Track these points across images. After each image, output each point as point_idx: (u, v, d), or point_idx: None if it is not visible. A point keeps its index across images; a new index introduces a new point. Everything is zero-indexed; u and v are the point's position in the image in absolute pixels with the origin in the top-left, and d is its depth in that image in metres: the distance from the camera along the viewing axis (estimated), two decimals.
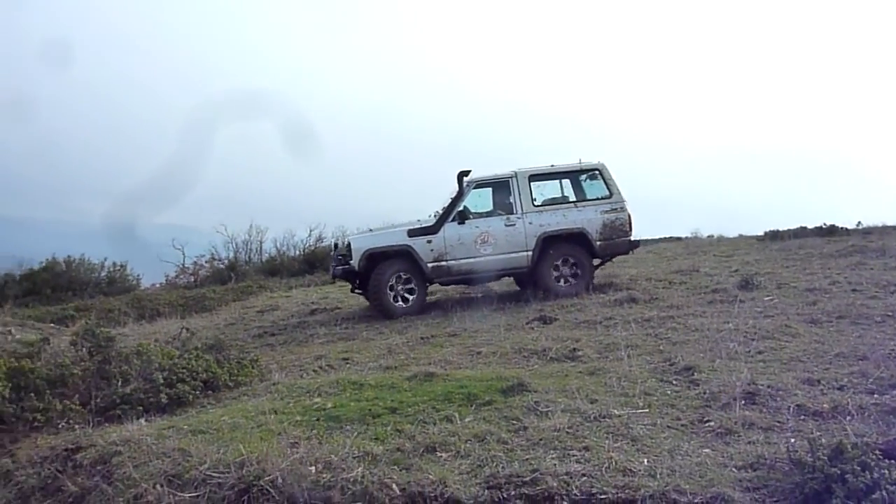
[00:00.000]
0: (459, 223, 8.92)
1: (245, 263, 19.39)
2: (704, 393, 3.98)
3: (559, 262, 9.07)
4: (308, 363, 5.95)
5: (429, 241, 8.87)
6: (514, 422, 3.66)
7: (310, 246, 19.82)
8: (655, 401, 3.94)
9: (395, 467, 3.10)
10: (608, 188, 9.35)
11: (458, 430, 3.50)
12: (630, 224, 9.55)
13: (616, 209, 9.28)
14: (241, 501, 2.92)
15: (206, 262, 19.14)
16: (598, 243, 9.16)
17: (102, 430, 3.99)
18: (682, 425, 3.54)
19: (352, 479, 2.94)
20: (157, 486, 3.08)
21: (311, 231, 19.80)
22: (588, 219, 9.14)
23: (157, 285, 17.81)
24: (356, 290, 9.54)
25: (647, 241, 21.85)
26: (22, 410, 4.23)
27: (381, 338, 7.06)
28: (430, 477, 2.94)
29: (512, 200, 9.19)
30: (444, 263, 8.88)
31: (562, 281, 9.02)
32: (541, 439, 3.36)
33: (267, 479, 2.95)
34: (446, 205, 9.36)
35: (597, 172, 9.46)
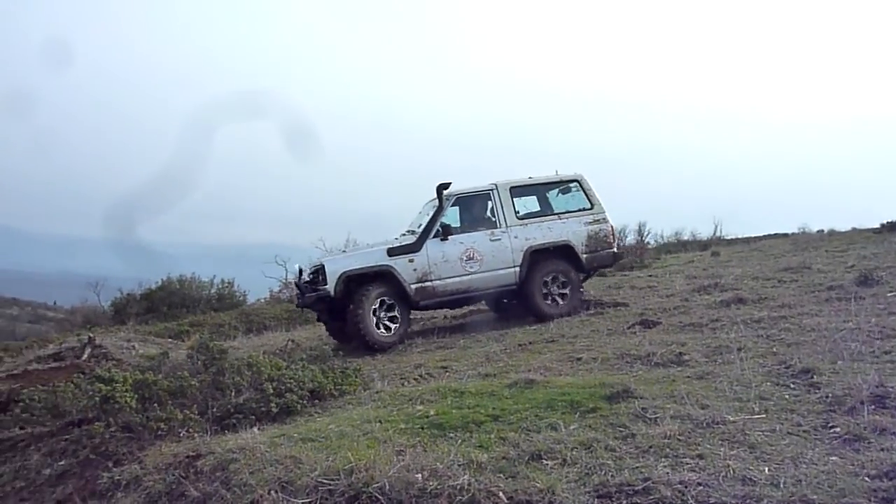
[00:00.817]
0: (442, 239, 8.27)
1: None
2: (827, 397, 3.72)
3: (548, 279, 8.51)
4: (408, 371, 6.04)
5: (411, 261, 8.14)
6: (621, 429, 3.55)
7: None
8: (773, 406, 3.72)
9: (501, 475, 3.07)
10: (588, 199, 8.99)
11: (564, 438, 3.43)
12: (613, 235, 9.18)
13: (599, 220, 8.92)
14: None
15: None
16: (585, 256, 8.75)
17: (220, 439, 4.19)
18: (804, 431, 3.32)
19: (458, 487, 2.93)
20: (272, 493, 3.19)
21: None
22: (573, 231, 8.75)
23: (263, 300, 18.64)
24: (325, 321, 8.77)
25: (750, 239, 20.84)
26: (147, 420, 4.52)
27: (478, 346, 7.07)
28: (538, 485, 2.89)
29: (495, 214, 8.65)
30: (428, 284, 8.15)
31: (549, 299, 8.49)
32: (650, 447, 3.24)
33: (375, 486, 2.99)
34: (424, 221, 8.66)
35: (576, 183, 9.08)
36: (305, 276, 8.60)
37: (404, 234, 8.80)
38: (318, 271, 8.10)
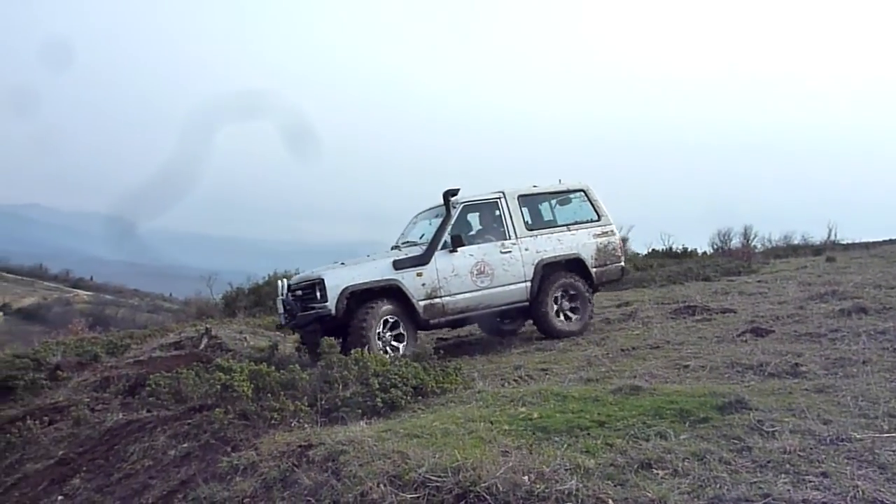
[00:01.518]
0: (451, 251, 7.64)
1: None
2: None
3: (558, 295, 8.08)
4: (508, 373, 6.05)
5: (419, 275, 7.47)
6: (736, 441, 3.41)
7: None
8: None
9: (610, 482, 3.03)
10: (595, 210, 8.60)
11: (674, 448, 3.33)
12: (622, 248, 8.73)
13: (607, 233, 8.57)
14: None
15: None
16: (595, 270, 8.35)
17: (329, 430, 4.35)
18: None
19: (566, 492, 2.91)
20: (381, 486, 3.28)
21: None
22: (583, 244, 8.35)
23: None
24: (309, 343, 7.57)
25: (869, 244, 19.41)
26: (261, 409, 4.76)
27: (577, 349, 6.99)
28: (648, 494, 2.83)
29: (503, 224, 8.09)
30: (437, 301, 7.50)
31: (562, 316, 8.06)
32: (768, 461, 3.10)
33: (483, 486, 3.02)
34: (427, 231, 8.06)
35: (581, 193, 8.67)
36: (291, 293, 7.68)
37: (396, 248, 8.22)
38: (315, 286, 7.25)
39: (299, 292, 7.55)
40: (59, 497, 4.96)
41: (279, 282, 8.00)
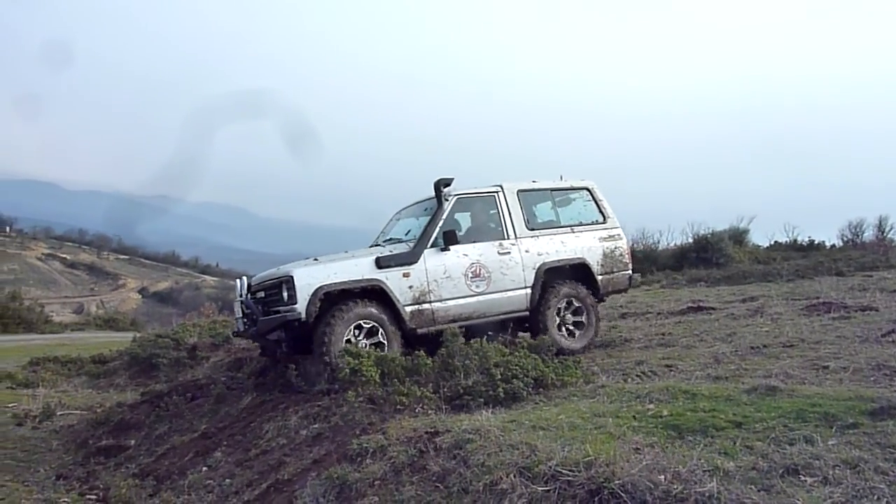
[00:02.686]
0: (443, 249, 6.65)
1: None
2: None
3: (561, 305, 7.19)
4: (629, 367, 5.91)
5: (406, 275, 6.45)
6: (892, 450, 3.17)
7: None
8: None
9: (752, 487, 2.90)
10: (601, 211, 7.79)
11: (822, 454, 3.14)
12: (630, 254, 7.93)
13: (614, 236, 7.73)
14: (592, 502, 3.00)
15: None
16: (601, 278, 7.49)
17: (454, 418, 4.44)
18: None
19: (706, 494, 2.82)
20: (511, 477, 3.31)
21: None
22: (588, 247, 7.48)
23: None
24: (269, 355, 6.98)
25: None
26: (388, 394, 4.93)
27: (703, 345, 6.72)
28: (798, 503, 2.70)
29: (502, 221, 7.18)
30: (426, 307, 6.49)
31: (564, 330, 7.12)
32: None
33: (617, 482, 2.97)
34: (413, 228, 7.12)
35: (586, 192, 7.85)
36: (251, 294, 6.63)
37: (376, 246, 7.29)
38: (281, 285, 6.18)
39: (262, 293, 6.51)
40: (204, 468, 5.36)
41: (237, 281, 6.93)
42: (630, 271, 7.77)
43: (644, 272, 16.83)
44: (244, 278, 6.86)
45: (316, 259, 6.60)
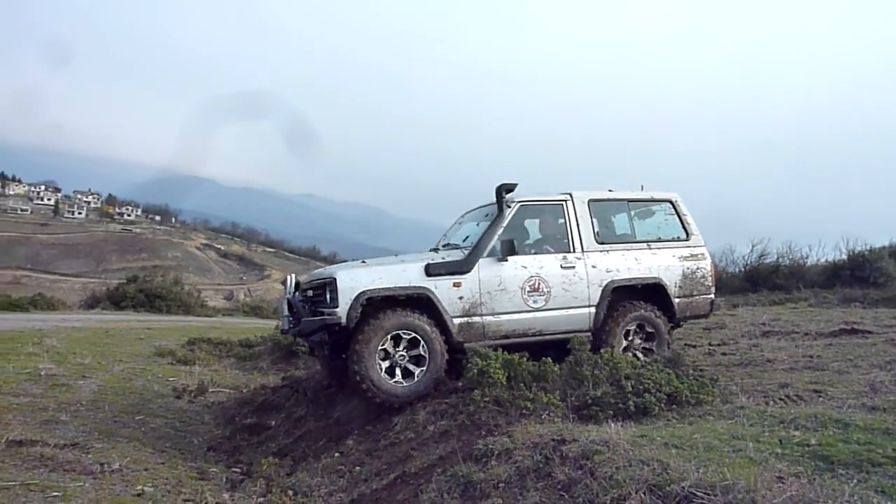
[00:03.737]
0: (500, 259, 6.23)
1: None
2: None
3: (630, 328, 6.58)
4: (772, 390, 5.53)
5: (457, 284, 6.08)
6: None
7: (752, 262, 18.63)
8: None
9: None
10: (684, 227, 7.05)
11: None
12: (713, 276, 7.09)
13: (697, 255, 6.96)
14: None
15: None
16: (678, 301, 6.78)
17: (581, 427, 4.37)
18: None
19: None
20: (640, 493, 3.21)
21: (753, 246, 18.58)
22: (665, 266, 6.80)
23: None
24: (323, 358, 6.73)
25: None
26: (514, 398, 4.94)
27: (857, 371, 6.14)
28: None
29: (568, 233, 6.63)
30: (477, 320, 6.12)
31: (630, 355, 6.32)
32: None
33: None
34: (472, 233, 6.63)
35: (668, 205, 7.12)
36: (301, 293, 6.53)
37: (435, 251, 6.89)
38: (326, 286, 5.98)
39: (310, 292, 6.34)
40: (336, 454, 5.64)
41: (287, 277, 6.84)
42: (713, 295, 7.12)
43: (790, 289, 15.67)
44: (293, 276, 6.79)
45: (364, 262, 6.43)
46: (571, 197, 6.76)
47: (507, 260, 6.25)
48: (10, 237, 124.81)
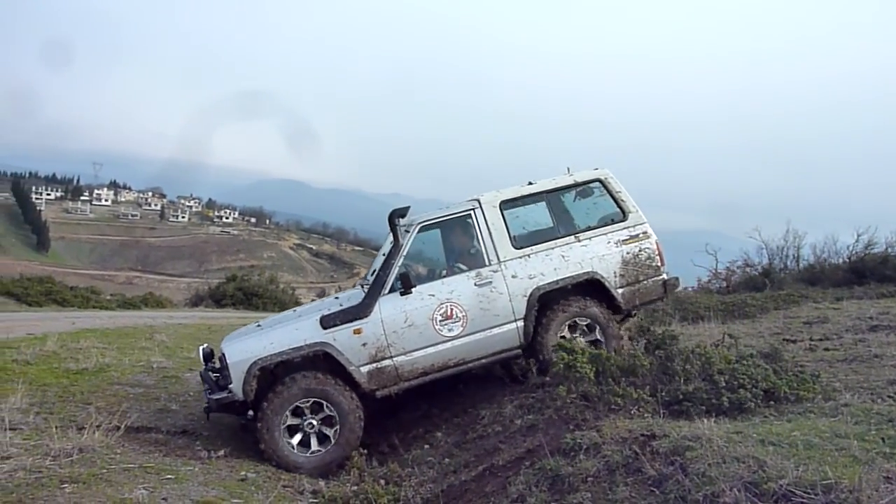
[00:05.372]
0: (402, 293, 5.82)
1: (780, 270, 18.30)
2: None
3: (565, 333, 6.02)
4: (880, 387, 5.21)
5: (357, 332, 5.72)
6: None
7: (857, 253, 17.49)
8: None
9: None
10: (619, 206, 6.35)
11: None
12: (661, 255, 6.32)
13: (637, 235, 6.26)
14: None
15: (738, 267, 18.86)
16: (621, 291, 6.16)
17: (672, 423, 4.28)
18: None
19: None
20: (735, 490, 3.12)
21: (858, 236, 17.43)
22: (600, 256, 6.17)
23: (690, 289, 18.31)
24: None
25: None
26: (603, 392, 4.89)
27: None
28: None
29: (480, 245, 6.09)
30: (387, 363, 5.75)
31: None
32: None
33: None
34: (376, 266, 6.27)
35: (597, 184, 6.43)
36: (208, 365, 6.20)
37: (365, 284, 6.51)
38: (223, 359, 5.77)
39: (217, 363, 6.07)
40: (426, 445, 5.77)
41: (198, 350, 6.47)
42: (664, 275, 6.42)
43: None
44: (201, 347, 6.41)
45: (259, 325, 6.24)
46: (479, 203, 6.23)
47: (409, 292, 5.86)
48: (123, 241, 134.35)
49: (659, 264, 6.39)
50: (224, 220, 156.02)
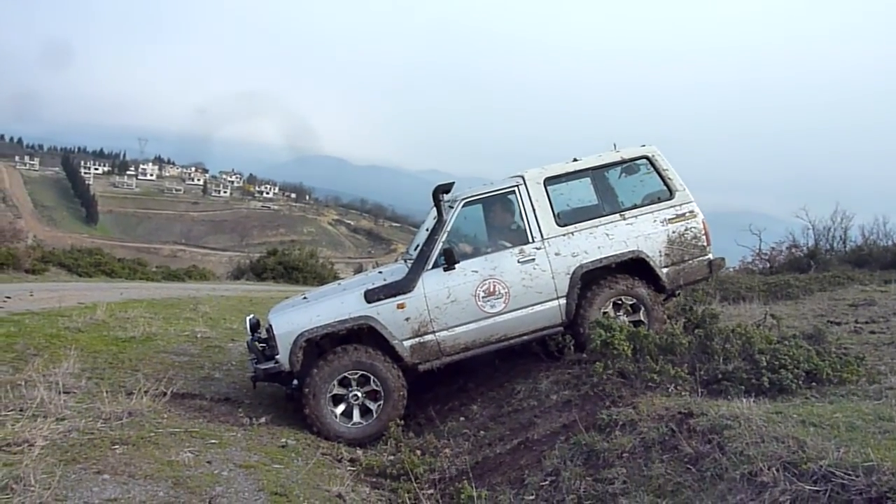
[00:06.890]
0: (446, 269, 5.79)
1: (826, 252, 17.81)
2: None
3: (608, 310, 5.95)
4: None
5: (400, 306, 5.73)
6: None
7: None
8: None
9: None
10: (666, 184, 6.18)
11: None
12: (707, 234, 6.17)
13: (684, 214, 6.11)
14: None
15: (783, 248, 18.46)
16: (665, 270, 6.03)
17: (710, 402, 4.25)
18: None
19: None
20: (774, 470, 3.10)
21: None
22: (645, 234, 6.04)
23: (733, 269, 17.99)
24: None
25: None
26: (640, 370, 4.87)
27: None
28: None
29: (524, 222, 5.99)
30: (430, 338, 5.77)
31: None
32: None
33: None
34: (419, 241, 6.20)
35: (644, 162, 6.24)
36: (255, 335, 6.34)
37: (408, 259, 6.46)
38: (269, 331, 5.93)
39: (263, 333, 6.28)
40: (462, 418, 5.84)
41: (246, 319, 6.64)
42: (710, 255, 6.28)
43: None
44: (249, 318, 6.57)
45: (305, 297, 6.34)
46: (524, 180, 6.15)
47: (453, 268, 5.84)
48: (168, 215, 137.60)
49: (705, 244, 6.27)
50: (265, 195, 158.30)
